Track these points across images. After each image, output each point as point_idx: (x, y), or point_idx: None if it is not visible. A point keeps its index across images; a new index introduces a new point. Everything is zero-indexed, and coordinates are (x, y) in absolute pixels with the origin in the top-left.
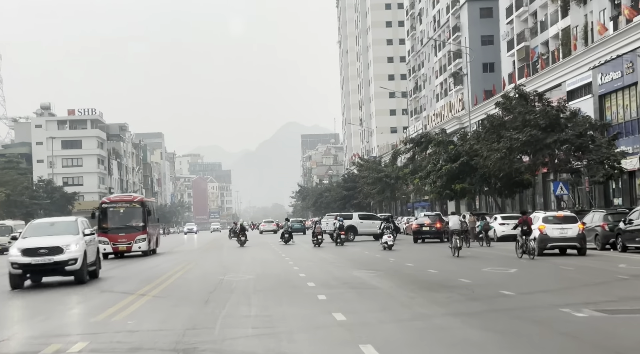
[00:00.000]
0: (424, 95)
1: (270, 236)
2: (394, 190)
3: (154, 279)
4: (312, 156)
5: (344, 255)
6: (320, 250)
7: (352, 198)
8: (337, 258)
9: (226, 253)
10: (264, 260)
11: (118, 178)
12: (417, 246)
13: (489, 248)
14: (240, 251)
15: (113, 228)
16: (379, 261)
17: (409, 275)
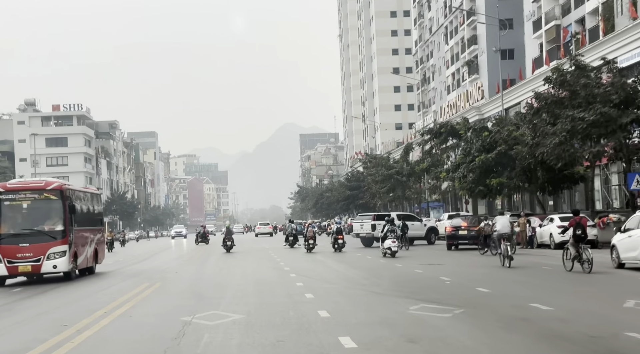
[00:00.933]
0: (433, 87)
1: (267, 241)
2: (405, 189)
3: (47, 334)
4: (311, 156)
5: (371, 269)
6: (332, 260)
7: (357, 198)
8: (364, 274)
9: (211, 267)
10: (259, 279)
11: (107, 178)
12: (453, 253)
13: (534, 254)
14: (228, 262)
15: (10, 235)
16: (424, 279)
17: (498, 310)
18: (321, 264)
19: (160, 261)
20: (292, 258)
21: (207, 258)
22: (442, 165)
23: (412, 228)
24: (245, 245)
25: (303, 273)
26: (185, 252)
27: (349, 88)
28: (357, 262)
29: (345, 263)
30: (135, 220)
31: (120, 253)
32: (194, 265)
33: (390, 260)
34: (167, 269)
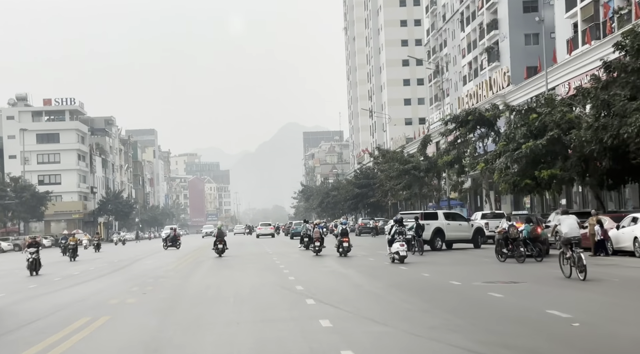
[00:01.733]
0: (447, 78)
1: (270, 243)
2: (423, 185)
3: None
4: (315, 154)
5: (421, 289)
6: (354, 272)
7: (366, 196)
8: (416, 298)
9: (195, 282)
10: (260, 307)
11: (102, 176)
12: (494, 260)
13: (608, 264)
14: (220, 274)
15: None
16: (504, 305)
17: None
18: (343, 278)
19: (136, 272)
20: (301, 268)
21: (195, 267)
22: (470, 157)
23: (457, 229)
24: (244, 248)
25: (324, 297)
26: (172, 258)
27: (354, 83)
28: (385, 273)
29: (373, 276)
30: (132, 220)
31: (97, 259)
32: (174, 279)
33: (428, 271)
34: (135, 285)
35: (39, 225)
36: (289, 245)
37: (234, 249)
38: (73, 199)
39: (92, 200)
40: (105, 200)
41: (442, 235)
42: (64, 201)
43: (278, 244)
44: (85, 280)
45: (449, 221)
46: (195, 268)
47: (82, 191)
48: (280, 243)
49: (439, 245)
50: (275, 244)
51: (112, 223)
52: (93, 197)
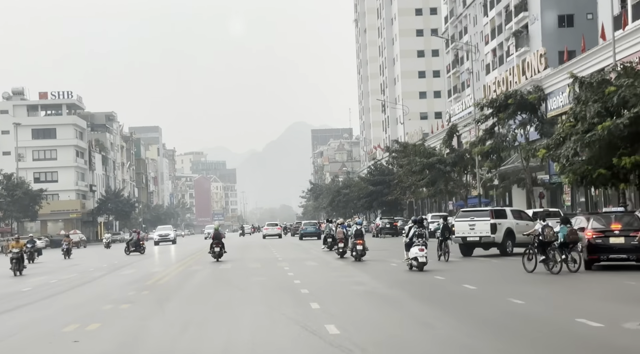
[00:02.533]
0: (467, 68)
1: (277, 244)
2: (448, 181)
3: None
4: (324, 152)
5: (502, 325)
6: (407, 297)
7: (381, 194)
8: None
9: (170, 315)
10: None
11: (102, 174)
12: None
13: None
14: (210, 299)
15: None
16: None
17: None
18: (387, 304)
19: (96, 292)
20: (325, 284)
21: (182, 282)
22: (509, 147)
23: (524, 230)
24: (249, 252)
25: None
26: (160, 267)
27: (365, 77)
28: (442, 294)
29: (441, 309)
30: (133, 220)
31: (56, 271)
32: (143, 305)
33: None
34: (76, 320)
35: (34, 225)
36: (301, 248)
37: (237, 253)
38: (70, 198)
39: (91, 199)
40: (104, 199)
41: (513, 237)
42: (60, 200)
43: (288, 247)
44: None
45: (517, 221)
46: (182, 284)
47: (80, 190)
48: (291, 246)
49: (510, 249)
50: (284, 247)
51: (112, 223)
52: (92, 196)
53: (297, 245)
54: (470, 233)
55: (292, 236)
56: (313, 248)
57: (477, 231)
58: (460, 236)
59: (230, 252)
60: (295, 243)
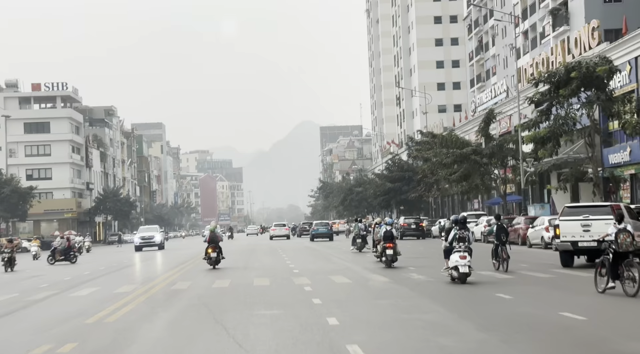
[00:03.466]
0: (493, 54)
1: (287, 247)
2: (484, 175)
3: None
4: (334, 149)
5: None
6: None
7: (400, 191)
8: None
9: None
10: None
11: (101, 172)
12: None
13: None
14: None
15: None
16: None
17: None
18: None
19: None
20: (380, 328)
21: (138, 326)
22: (570, 130)
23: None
24: (255, 259)
25: None
26: (133, 284)
27: (378, 70)
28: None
29: None
30: (135, 220)
31: (7, 285)
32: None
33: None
34: None
35: (27, 225)
36: (318, 253)
37: (240, 259)
38: (65, 196)
39: (87, 198)
40: (102, 198)
41: None
42: (55, 199)
43: (301, 251)
44: None
45: (633, 220)
46: (140, 327)
47: (76, 188)
48: (304, 250)
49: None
50: (296, 251)
51: (110, 223)
52: (89, 194)
53: (311, 248)
54: (584, 236)
55: (299, 237)
56: (331, 252)
57: (594, 233)
58: (569, 241)
59: (232, 258)
60: (308, 246)
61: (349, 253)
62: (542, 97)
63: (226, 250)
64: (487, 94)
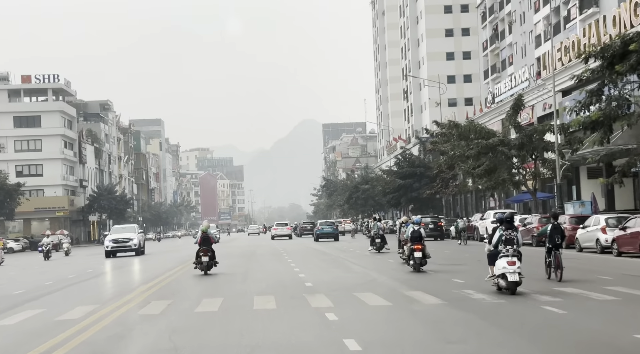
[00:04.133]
0: (510, 42)
1: (291, 248)
2: (511, 168)
3: None
4: (337, 147)
5: None
6: None
7: (411, 189)
8: None
9: None
10: None
11: (95, 168)
12: None
13: None
14: None
15: None
16: None
17: None
18: None
19: None
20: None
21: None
22: (623, 115)
23: None
24: (256, 262)
25: None
26: (98, 300)
27: (383, 64)
28: None
29: None
30: (132, 219)
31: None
32: None
33: None
34: None
35: (18, 224)
36: (328, 257)
37: (238, 265)
38: (57, 193)
39: (81, 195)
40: (96, 195)
41: None
42: (46, 197)
43: (308, 253)
44: None
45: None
46: None
47: (69, 185)
48: (311, 252)
49: None
50: (303, 253)
51: (105, 221)
52: (82, 192)
53: (319, 250)
54: None
55: (299, 237)
56: (343, 255)
57: None
58: None
59: (230, 263)
60: (314, 248)
61: (365, 255)
62: (592, 75)
63: (225, 253)
64: (506, 83)
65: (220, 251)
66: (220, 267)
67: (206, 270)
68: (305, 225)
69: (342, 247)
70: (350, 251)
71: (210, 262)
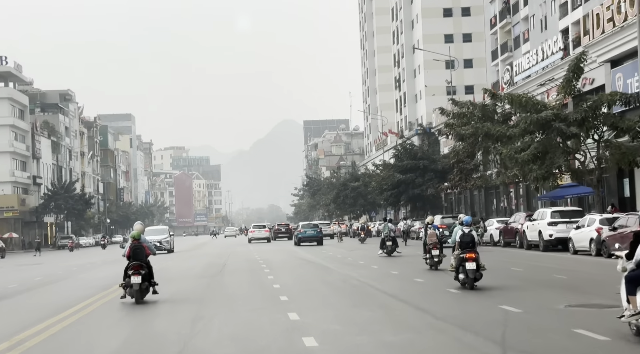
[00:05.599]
0: (527, 15)
1: (271, 256)
2: (568, 152)
3: None
4: (319, 144)
5: None
6: None
7: (414, 185)
8: None
9: None
10: None
11: (53, 164)
12: None
13: None
14: None
15: None
16: None
17: None
18: None
19: None
20: None
21: None
22: None
23: None
24: (221, 285)
25: None
26: None
27: (371, 52)
28: None
29: None
30: (93, 220)
31: None
32: None
33: None
34: None
35: None
36: (320, 268)
37: (197, 288)
38: (5, 192)
39: (35, 194)
40: (52, 194)
41: None
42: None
43: (296, 265)
44: None
45: None
46: None
47: (19, 182)
48: (298, 263)
49: None
50: (289, 265)
51: (63, 224)
52: (36, 190)
53: (307, 260)
54: None
55: (274, 240)
56: (340, 267)
57: None
58: None
59: (183, 287)
60: (299, 256)
61: (364, 266)
62: None
63: (184, 267)
64: (530, 57)
65: (179, 265)
66: (168, 290)
67: (139, 297)
68: (280, 227)
69: (329, 253)
70: (357, 265)
71: (148, 287)
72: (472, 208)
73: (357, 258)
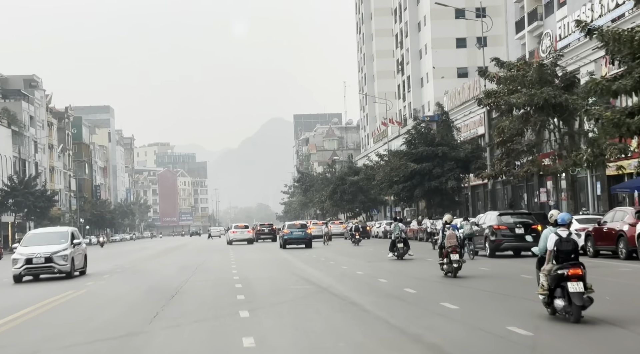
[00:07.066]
0: None
1: (248, 264)
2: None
3: None
4: (310, 139)
5: None
6: None
7: (430, 176)
8: None
9: None
10: None
11: (15, 157)
12: None
13: None
14: None
15: None
16: None
17: None
18: None
19: None
20: None
21: None
22: None
23: None
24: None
25: None
26: None
27: (369, 36)
28: None
29: None
30: (61, 218)
31: None
32: None
33: None
34: None
35: None
36: (336, 302)
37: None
38: None
39: None
40: (8, 190)
41: None
42: None
43: (288, 285)
44: None
45: None
46: None
47: None
48: (293, 280)
49: None
50: (282, 291)
51: (25, 223)
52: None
53: (307, 279)
54: None
55: (256, 241)
56: (350, 291)
57: None
58: None
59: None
60: (291, 266)
61: (372, 279)
62: None
63: (117, 293)
64: (584, 13)
65: (116, 290)
66: None
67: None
68: (262, 228)
69: (320, 258)
70: (341, 273)
71: None
72: (484, 205)
73: (336, 260)
